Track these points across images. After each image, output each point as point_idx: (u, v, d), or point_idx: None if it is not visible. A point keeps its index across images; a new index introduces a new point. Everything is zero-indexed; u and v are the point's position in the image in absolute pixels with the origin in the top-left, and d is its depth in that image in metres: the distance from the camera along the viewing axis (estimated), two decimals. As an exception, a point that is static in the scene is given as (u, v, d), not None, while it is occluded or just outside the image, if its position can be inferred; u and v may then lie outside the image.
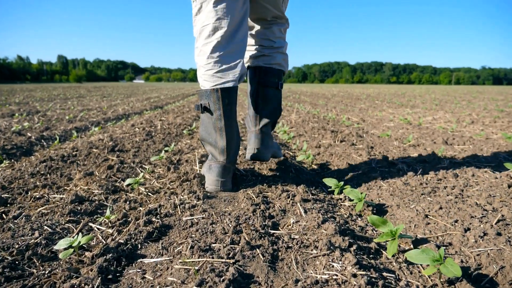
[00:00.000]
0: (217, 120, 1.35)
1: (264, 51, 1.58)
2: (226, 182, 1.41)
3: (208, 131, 1.40)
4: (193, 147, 2.44)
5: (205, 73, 1.34)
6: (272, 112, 1.63)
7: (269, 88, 1.60)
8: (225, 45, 1.32)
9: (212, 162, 1.42)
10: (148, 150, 2.36)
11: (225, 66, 1.33)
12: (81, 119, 4.54)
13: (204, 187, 1.44)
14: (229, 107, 1.35)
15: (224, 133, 1.35)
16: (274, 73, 1.60)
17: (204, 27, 1.32)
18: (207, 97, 1.34)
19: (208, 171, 1.43)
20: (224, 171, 1.40)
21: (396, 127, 3.82)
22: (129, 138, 2.83)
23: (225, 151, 1.37)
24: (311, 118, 4.66)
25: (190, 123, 3.94)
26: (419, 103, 8.68)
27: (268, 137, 1.64)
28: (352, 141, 2.69)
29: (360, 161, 2.01)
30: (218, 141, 1.37)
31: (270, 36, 1.58)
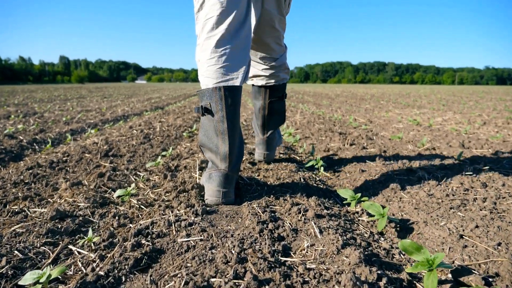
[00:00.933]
0: (219, 122, 1.22)
1: (267, 72, 1.70)
2: (228, 192, 1.26)
3: (208, 136, 1.27)
4: (193, 151, 2.28)
5: (208, 69, 1.22)
6: (278, 120, 1.83)
7: (275, 102, 1.77)
8: (230, 40, 1.22)
9: (213, 170, 1.28)
10: (145, 154, 2.20)
11: (230, 62, 1.22)
12: (78, 120, 4.40)
13: (203, 199, 1.29)
14: (233, 108, 1.23)
15: (226, 137, 1.22)
16: (279, 88, 1.76)
17: (207, 20, 1.21)
18: (209, 97, 1.22)
19: (208, 181, 1.29)
20: (226, 180, 1.25)
21: (406, 129, 3.65)
22: (126, 141, 2.67)
23: (227, 157, 1.24)
24: (316, 119, 4.49)
25: (190, 125, 3.79)
26: (426, 103, 8.49)
27: (274, 141, 1.88)
28: (362, 144, 2.52)
29: (374, 167, 1.85)
30: (220, 146, 1.23)
31: (272, 54, 1.66)
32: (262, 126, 1.82)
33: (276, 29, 1.55)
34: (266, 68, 1.69)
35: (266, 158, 1.86)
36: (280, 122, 1.85)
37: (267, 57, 1.66)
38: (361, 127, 3.70)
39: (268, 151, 1.87)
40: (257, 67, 1.72)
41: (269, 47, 1.61)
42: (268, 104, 1.77)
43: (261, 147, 1.87)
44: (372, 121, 4.54)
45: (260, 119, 1.82)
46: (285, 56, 1.73)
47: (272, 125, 1.83)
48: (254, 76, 1.76)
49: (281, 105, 1.81)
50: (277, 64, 1.68)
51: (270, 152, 1.87)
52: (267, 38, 1.57)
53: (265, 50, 1.64)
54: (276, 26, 1.54)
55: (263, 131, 1.84)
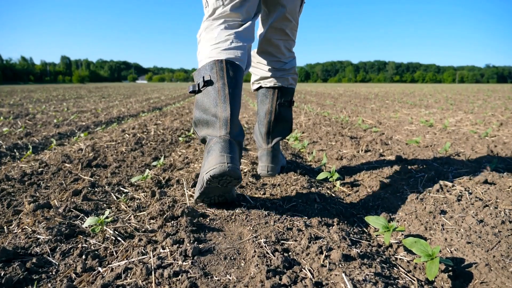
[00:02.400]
0: (220, 90, 1.14)
1: (277, 73, 1.61)
2: (234, 158, 1.05)
3: (205, 108, 1.16)
4: (188, 159, 2.01)
5: (211, 51, 1.19)
6: (284, 129, 1.67)
7: (282, 107, 1.64)
8: (236, 28, 1.25)
9: (211, 140, 1.11)
10: (133, 164, 1.93)
11: (233, 45, 1.21)
12: (70, 123, 4.14)
13: (195, 228, 1.01)
14: (234, 80, 1.17)
15: (227, 103, 1.12)
16: (288, 91, 1.65)
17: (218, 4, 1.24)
18: (209, 70, 1.17)
19: (208, 154, 1.09)
20: (230, 146, 1.08)
21: (419, 131, 3.38)
22: (114, 147, 2.41)
23: (229, 122, 1.10)
24: (322, 121, 4.22)
25: (188, 128, 3.52)
26: (433, 103, 8.21)
27: (279, 153, 1.68)
28: (378, 151, 2.25)
29: (398, 180, 1.58)
30: (220, 113, 1.11)
31: (281, 58, 1.60)
32: (266, 134, 1.65)
33: (287, 34, 1.55)
34: (276, 70, 1.62)
35: (270, 172, 1.64)
36: (286, 130, 1.69)
37: (277, 61, 1.61)
38: (372, 130, 3.43)
39: (273, 164, 1.64)
40: (265, 68, 1.63)
41: (279, 50, 1.58)
42: (276, 108, 1.63)
43: (264, 159, 1.65)
44: (381, 122, 4.27)
45: (266, 126, 1.64)
46: (295, 62, 1.67)
47: (278, 133, 1.66)
48: (262, 78, 1.65)
49: (288, 112, 1.69)
50: (287, 68, 1.62)
51: (275, 165, 1.65)
52: (278, 41, 1.56)
53: (275, 52, 1.59)
54: (287, 31, 1.54)
55: (267, 140, 1.66)
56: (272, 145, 1.65)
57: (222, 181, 1.04)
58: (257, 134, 1.71)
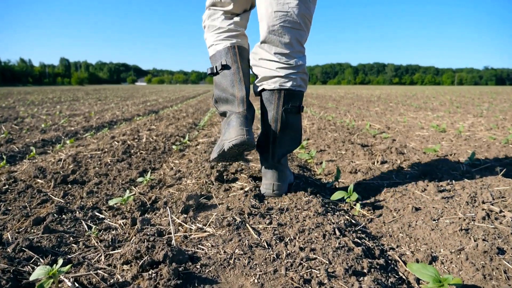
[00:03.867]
0: (235, 73, 1.37)
1: (282, 71, 1.33)
2: (249, 131, 1.29)
3: (223, 88, 1.39)
4: (181, 174, 1.75)
5: (218, 39, 1.43)
6: (292, 140, 1.43)
7: (289, 114, 1.38)
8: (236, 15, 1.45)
9: (232, 115, 1.33)
10: (117, 180, 1.67)
11: (236, 32, 1.44)
12: (58, 128, 3.87)
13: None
14: (245, 63, 1.42)
15: (242, 84, 1.36)
16: (295, 96, 1.37)
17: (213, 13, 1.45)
18: (225, 55, 1.39)
19: (229, 124, 1.32)
20: (246, 120, 1.32)
21: (432, 137, 3.13)
22: (99, 158, 2.15)
23: (245, 100, 1.34)
24: (327, 125, 3.97)
25: (183, 134, 3.26)
26: (438, 106, 7.97)
27: (286, 169, 1.46)
28: (396, 162, 1.99)
29: (429, 201, 1.32)
30: (237, 93, 1.35)
31: (290, 51, 1.33)
32: (272, 146, 1.39)
33: (297, 22, 1.30)
34: (282, 67, 1.34)
35: (276, 191, 1.39)
36: (295, 142, 1.45)
37: (284, 53, 1.33)
38: (382, 136, 3.18)
39: (279, 181, 1.40)
40: (270, 65, 1.35)
41: (284, 39, 1.32)
42: (282, 115, 1.36)
43: (269, 176, 1.40)
44: (389, 127, 4.02)
45: (270, 137, 1.39)
46: (305, 60, 1.39)
47: (285, 145, 1.41)
48: (265, 78, 1.37)
49: (297, 119, 1.43)
50: (295, 64, 1.34)
51: (281, 183, 1.40)
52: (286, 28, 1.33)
53: (283, 43, 1.32)
54: (297, 19, 1.30)
55: (273, 153, 1.40)
56: (279, 159, 1.40)
57: (240, 148, 1.29)
58: (261, 146, 1.45)
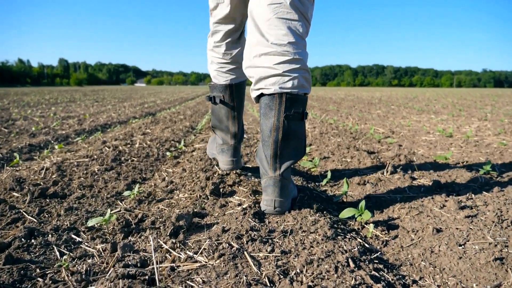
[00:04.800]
0: (231, 110, 1.56)
1: (280, 67, 1.15)
2: (238, 160, 1.66)
3: (220, 119, 1.61)
4: (173, 185, 1.60)
5: (218, 69, 1.55)
6: (295, 151, 1.26)
7: (292, 121, 1.20)
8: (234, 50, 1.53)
9: (224, 145, 1.64)
10: (102, 193, 1.52)
11: (236, 65, 1.53)
12: (49, 131, 3.71)
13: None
14: (239, 99, 1.58)
15: (236, 121, 1.58)
16: (298, 100, 1.19)
17: (216, 31, 1.50)
18: (222, 91, 1.54)
19: (221, 153, 1.65)
20: (235, 151, 1.64)
21: (440, 143, 2.98)
22: (86, 166, 1.99)
23: (237, 135, 1.62)
24: (329, 129, 3.82)
25: (179, 138, 3.10)
26: (440, 108, 7.83)
27: (289, 183, 1.28)
28: (407, 172, 1.84)
29: (450, 220, 1.17)
30: (230, 127, 1.59)
31: (286, 40, 1.14)
32: (273, 158, 1.23)
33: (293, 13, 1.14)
34: (279, 62, 1.15)
35: (278, 208, 1.23)
36: (299, 153, 1.27)
37: (281, 44, 1.14)
38: (387, 141, 3.03)
39: (282, 197, 1.24)
40: (266, 61, 1.17)
41: (285, 30, 1.15)
42: (283, 122, 1.18)
43: (270, 191, 1.24)
44: (394, 131, 3.87)
45: (272, 147, 1.22)
46: (306, 55, 1.21)
47: (288, 156, 1.24)
48: (261, 79, 1.19)
49: (301, 127, 1.25)
50: (293, 57, 1.15)
51: (284, 199, 1.24)
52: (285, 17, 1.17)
53: (280, 35, 1.15)
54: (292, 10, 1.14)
55: (274, 165, 1.24)
56: (281, 172, 1.24)
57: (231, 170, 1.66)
58: (261, 157, 1.29)
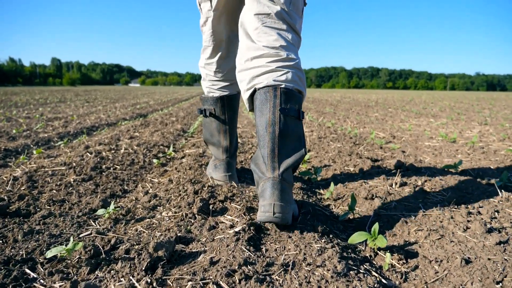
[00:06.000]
0: (222, 123, 1.54)
1: (272, 65, 1.13)
2: (232, 175, 1.58)
3: (211, 133, 1.58)
4: (157, 200, 1.41)
5: (210, 86, 1.55)
6: (295, 150, 1.13)
7: (289, 118, 1.12)
8: (227, 63, 1.50)
9: (217, 161, 1.60)
10: (73, 210, 1.32)
11: (228, 83, 1.54)
12: (30, 134, 3.49)
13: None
14: (232, 112, 1.55)
15: (227, 134, 1.56)
16: (293, 96, 1.14)
17: (206, 47, 1.48)
18: (214, 104, 1.52)
19: (214, 170, 1.60)
20: (229, 166, 1.58)
21: (445, 149, 2.82)
22: (62, 176, 1.79)
23: (228, 149, 1.58)
24: (327, 134, 3.65)
25: (168, 143, 2.91)
26: (438, 112, 7.72)
27: (290, 188, 1.13)
28: (416, 184, 1.67)
29: (479, 247, 1.00)
30: (222, 141, 1.57)
31: (275, 43, 1.13)
32: (271, 155, 1.09)
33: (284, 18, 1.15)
34: (272, 61, 1.13)
35: (278, 214, 1.04)
36: (299, 153, 1.13)
37: (273, 47, 1.13)
38: (389, 146, 2.87)
39: (282, 201, 1.05)
40: (259, 62, 1.14)
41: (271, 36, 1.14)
42: (279, 117, 1.10)
43: (268, 194, 1.06)
44: (395, 136, 3.72)
45: (269, 143, 1.09)
46: (298, 57, 1.18)
47: (287, 154, 1.11)
48: (254, 77, 1.15)
49: (298, 126, 1.15)
50: (286, 57, 1.13)
51: (285, 203, 1.05)
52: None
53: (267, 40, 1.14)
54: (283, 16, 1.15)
55: (273, 164, 1.09)
56: (280, 172, 1.08)
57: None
58: (257, 161, 1.15)
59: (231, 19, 1.41)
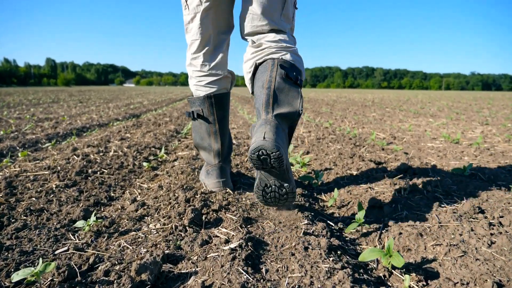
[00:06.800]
0: (212, 125, 1.43)
1: (272, 49, 1.23)
2: (226, 181, 1.47)
3: (201, 136, 1.47)
4: (145, 209, 1.28)
5: (197, 84, 1.43)
6: (290, 103, 1.17)
7: (286, 79, 1.18)
8: (214, 56, 1.40)
9: (209, 167, 1.49)
10: (51, 221, 1.19)
11: (216, 78, 1.41)
12: (17, 136, 3.34)
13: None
14: (222, 112, 1.44)
15: (218, 137, 1.44)
16: (292, 67, 1.22)
17: (193, 41, 1.38)
18: (201, 104, 1.41)
19: (207, 177, 1.49)
20: (222, 171, 1.46)
21: (449, 151, 2.72)
22: (44, 181, 1.65)
23: (220, 153, 1.46)
24: (326, 134, 3.53)
25: (160, 145, 2.77)
26: (436, 111, 7.64)
27: (284, 134, 1.13)
28: (426, 189, 1.56)
29: (508, 266, 0.88)
30: (213, 144, 1.45)
31: (277, 37, 1.25)
32: (266, 103, 1.14)
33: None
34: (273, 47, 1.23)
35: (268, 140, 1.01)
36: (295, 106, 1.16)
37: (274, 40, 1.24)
38: (391, 148, 2.75)
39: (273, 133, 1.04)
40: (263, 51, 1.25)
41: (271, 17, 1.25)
42: (276, 78, 1.16)
43: (260, 130, 1.06)
44: (395, 136, 3.61)
45: (265, 93, 1.15)
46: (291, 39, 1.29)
47: (282, 102, 1.15)
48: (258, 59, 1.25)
49: (295, 89, 1.19)
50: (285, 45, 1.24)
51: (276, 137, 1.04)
52: None
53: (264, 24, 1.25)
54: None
55: (267, 109, 1.13)
56: (274, 114, 1.12)
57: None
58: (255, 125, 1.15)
59: (219, 13, 1.38)
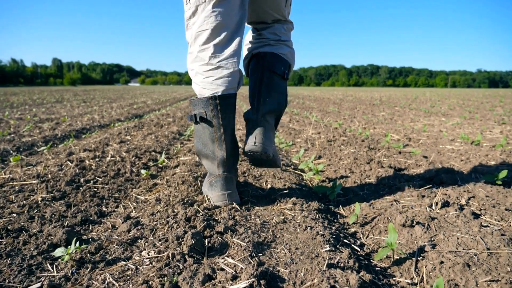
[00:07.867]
0: (216, 129, 1.27)
1: (270, 42, 1.44)
2: (232, 193, 1.32)
3: (204, 143, 1.31)
4: (138, 230, 1.11)
5: (204, 81, 1.26)
6: (276, 100, 1.39)
7: (275, 75, 1.40)
8: (223, 51, 1.25)
9: (212, 177, 1.33)
10: (29, 245, 1.02)
11: (225, 72, 1.25)
12: (13, 138, 3.19)
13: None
14: (228, 115, 1.28)
15: (223, 143, 1.28)
16: (281, 60, 1.42)
17: (200, 32, 1.24)
18: (204, 106, 1.26)
19: (210, 189, 1.33)
20: (227, 182, 1.31)
21: (471, 154, 2.51)
22: (30, 193, 1.48)
23: (225, 162, 1.29)
24: (336, 136, 3.34)
25: (161, 148, 2.60)
26: (448, 110, 7.39)
27: (271, 131, 1.36)
28: (461, 203, 1.36)
29: None
30: (217, 152, 1.30)
31: (276, 31, 1.45)
32: (257, 102, 1.35)
33: None
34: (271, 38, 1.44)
35: (258, 145, 1.27)
36: (279, 104, 1.40)
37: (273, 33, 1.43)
38: (409, 151, 2.56)
39: (262, 136, 1.29)
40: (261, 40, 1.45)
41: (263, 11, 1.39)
42: (266, 75, 1.38)
43: (252, 132, 1.31)
44: (410, 138, 3.40)
45: (255, 94, 1.37)
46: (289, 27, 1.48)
47: (270, 102, 1.36)
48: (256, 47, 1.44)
49: (281, 83, 1.43)
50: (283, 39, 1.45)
51: (266, 140, 1.29)
52: None
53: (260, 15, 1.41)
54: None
55: (256, 107, 1.35)
56: (263, 113, 1.33)
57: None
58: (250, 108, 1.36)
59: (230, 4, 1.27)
